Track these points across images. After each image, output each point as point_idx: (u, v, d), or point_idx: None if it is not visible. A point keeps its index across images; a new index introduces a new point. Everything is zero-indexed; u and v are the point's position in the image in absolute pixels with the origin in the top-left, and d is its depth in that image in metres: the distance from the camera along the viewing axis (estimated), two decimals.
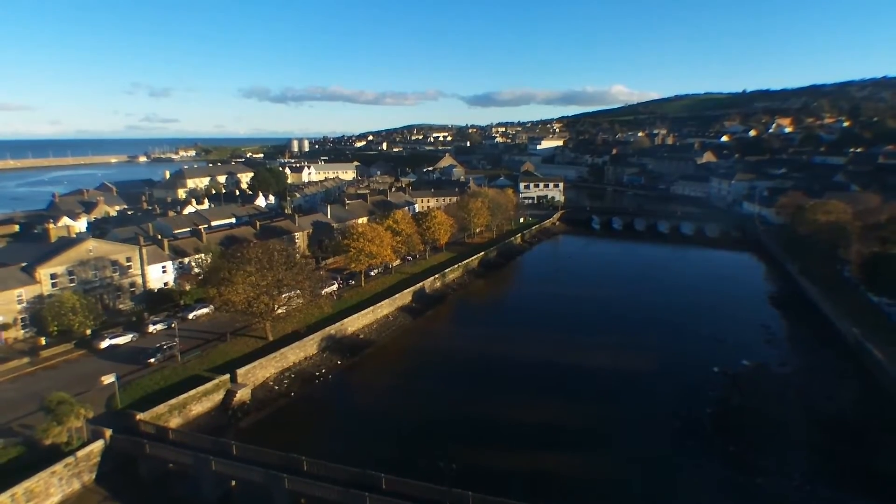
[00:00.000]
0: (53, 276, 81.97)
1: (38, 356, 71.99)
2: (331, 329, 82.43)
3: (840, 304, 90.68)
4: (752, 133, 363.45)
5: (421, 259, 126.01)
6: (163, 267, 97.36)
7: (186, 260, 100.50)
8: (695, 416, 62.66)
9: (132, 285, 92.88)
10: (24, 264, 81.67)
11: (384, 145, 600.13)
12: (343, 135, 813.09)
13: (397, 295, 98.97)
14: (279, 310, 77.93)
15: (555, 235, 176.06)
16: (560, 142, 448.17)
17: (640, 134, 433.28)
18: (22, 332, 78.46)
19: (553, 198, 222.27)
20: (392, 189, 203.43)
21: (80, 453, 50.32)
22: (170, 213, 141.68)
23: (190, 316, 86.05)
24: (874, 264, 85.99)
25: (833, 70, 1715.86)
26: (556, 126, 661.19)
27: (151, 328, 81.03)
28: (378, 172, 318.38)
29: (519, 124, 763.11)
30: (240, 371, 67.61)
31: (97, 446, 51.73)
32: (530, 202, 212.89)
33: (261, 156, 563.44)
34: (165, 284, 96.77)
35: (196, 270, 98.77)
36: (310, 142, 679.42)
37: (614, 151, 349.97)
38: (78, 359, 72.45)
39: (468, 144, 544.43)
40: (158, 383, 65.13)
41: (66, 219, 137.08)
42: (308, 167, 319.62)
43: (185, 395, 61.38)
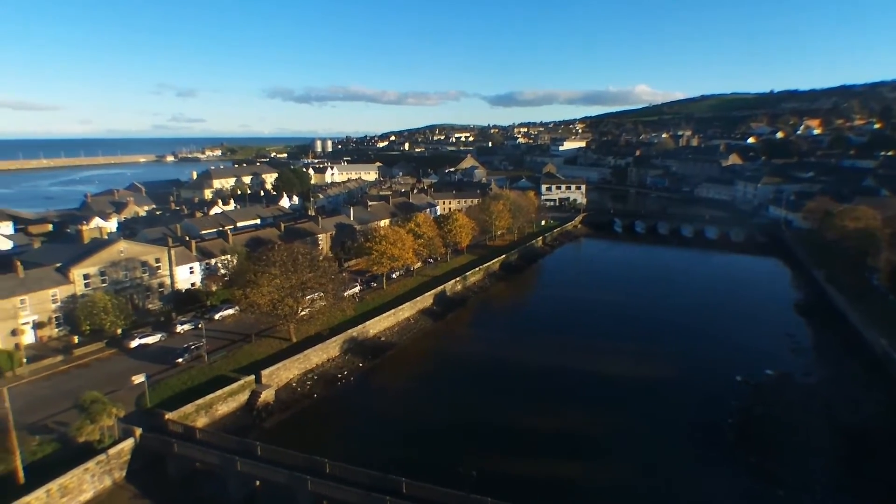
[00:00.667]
0: (86, 277, 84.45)
1: (72, 354, 74.29)
2: (353, 331, 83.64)
3: (868, 313, 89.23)
4: (780, 135, 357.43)
5: (442, 262, 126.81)
6: (190, 268, 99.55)
7: (213, 261, 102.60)
8: (715, 426, 62.44)
9: (161, 286, 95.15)
10: (59, 265, 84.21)
11: (406, 145, 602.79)
12: (366, 135, 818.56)
13: (418, 298, 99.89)
14: (303, 312, 79.27)
15: (576, 238, 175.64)
16: (583, 143, 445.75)
17: (665, 135, 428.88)
18: (56, 331, 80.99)
19: (575, 200, 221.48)
20: (414, 190, 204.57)
21: (112, 451, 52.03)
22: (197, 214, 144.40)
23: (216, 316, 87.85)
24: None
25: (864, 70, 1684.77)
26: (579, 126, 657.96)
27: (179, 328, 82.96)
28: (400, 173, 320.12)
29: (541, 124, 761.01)
30: (264, 372, 69.06)
31: (128, 444, 53.42)
32: (552, 204, 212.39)
33: (285, 156, 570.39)
34: (193, 285, 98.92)
35: (222, 272, 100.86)
36: (333, 142, 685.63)
37: (638, 153, 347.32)
38: (109, 357, 74.59)
39: (490, 145, 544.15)
40: (186, 383, 66.80)
41: (98, 219, 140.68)
42: (331, 168, 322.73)
43: (212, 396, 62.92)
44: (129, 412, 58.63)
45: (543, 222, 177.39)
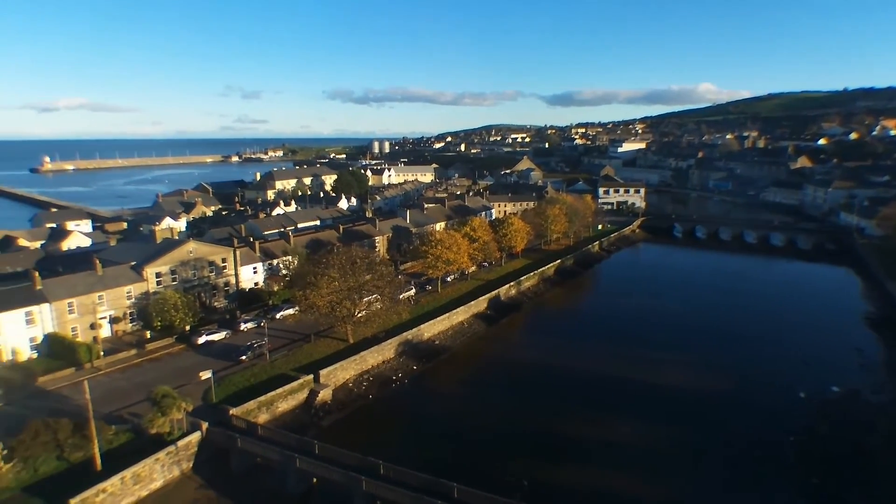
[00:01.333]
0: (158, 275, 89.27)
1: (144, 349, 78.81)
2: (408, 334, 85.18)
3: None
4: (853, 136, 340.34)
5: (497, 266, 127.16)
6: (254, 268, 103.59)
7: (275, 262, 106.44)
8: (776, 444, 60.51)
9: (226, 284, 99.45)
10: (133, 263, 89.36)
11: (462, 146, 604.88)
12: (422, 136, 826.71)
13: (472, 302, 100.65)
14: (360, 314, 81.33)
15: (634, 243, 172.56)
16: (642, 144, 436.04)
17: (729, 136, 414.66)
18: (130, 326, 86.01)
19: (633, 203, 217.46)
20: (469, 193, 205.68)
21: (181, 443, 55.07)
22: (260, 215, 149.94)
23: (277, 316, 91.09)
24: None
25: None
26: (639, 127, 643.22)
27: (243, 326, 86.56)
28: (456, 175, 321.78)
29: (599, 125, 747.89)
30: (322, 372, 71.36)
31: (195, 437, 56.41)
32: (609, 208, 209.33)
33: (343, 156, 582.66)
34: (256, 284, 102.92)
35: (284, 272, 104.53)
36: (390, 143, 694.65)
37: (700, 154, 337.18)
38: (178, 353, 78.73)
39: (547, 146, 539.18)
40: (249, 380, 69.75)
41: (169, 219, 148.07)
42: (388, 169, 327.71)
43: (273, 393, 65.52)
44: (197, 406, 61.70)
45: (600, 226, 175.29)
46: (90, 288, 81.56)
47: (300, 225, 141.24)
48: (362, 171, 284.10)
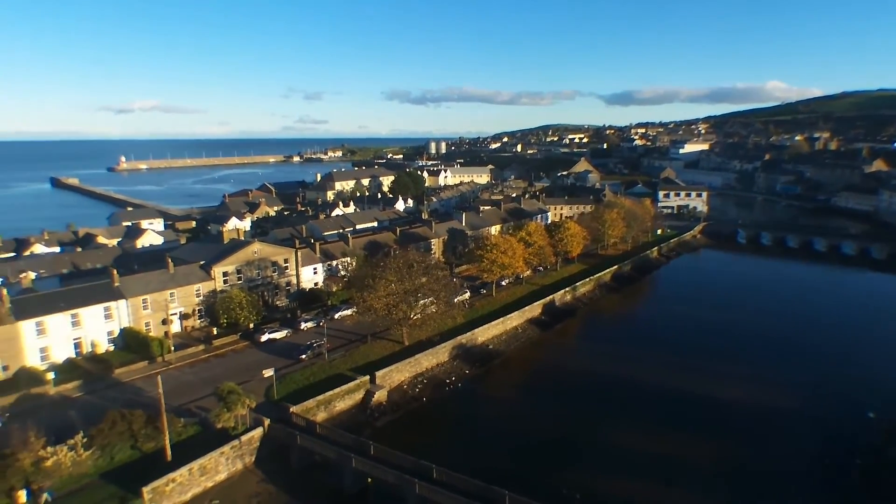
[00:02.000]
0: (225, 274, 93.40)
1: (211, 345, 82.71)
2: (462, 338, 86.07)
3: None
4: None
5: (552, 270, 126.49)
6: (314, 268, 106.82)
7: (334, 263, 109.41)
8: (841, 466, 58.20)
9: (288, 284, 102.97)
10: (202, 262, 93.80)
11: (519, 147, 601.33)
12: (478, 136, 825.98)
13: (527, 307, 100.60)
14: (415, 316, 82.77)
15: (695, 249, 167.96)
16: (705, 145, 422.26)
17: (799, 137, 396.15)
18: (198, 322, 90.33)
19: (695, 208, 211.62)
20: (525, 195, 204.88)
21: (244, 438, 57.66)
22: (320, 216, 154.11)
23: (336, 316, 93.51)
24: None
25: None
26: (702, 127, 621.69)
27: (303, 325, 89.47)
28: (512, 176, 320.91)
29: (660, 124, 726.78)
30: (378, 373, 73.10)
31: (257, 433, 58.94)
32: (669, 212, 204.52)
33: (400, 157, 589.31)
34: (315, 285, 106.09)
35: (342, 273, 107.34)
36: (446, 143, 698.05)
37: (767, 156, 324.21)
38: (242, 350, 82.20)
39: (605, 147, 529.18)
40: (308, 379, 72.19)
41: (234, 219, 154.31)
42: (444, 170, 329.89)
43: (331, 393, 67.58)
44: (259, 403, 64.46)
45: (660, 231, 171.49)
46: (163, 285, 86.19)
47: (358, 226, 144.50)
48: (419, 173, 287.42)
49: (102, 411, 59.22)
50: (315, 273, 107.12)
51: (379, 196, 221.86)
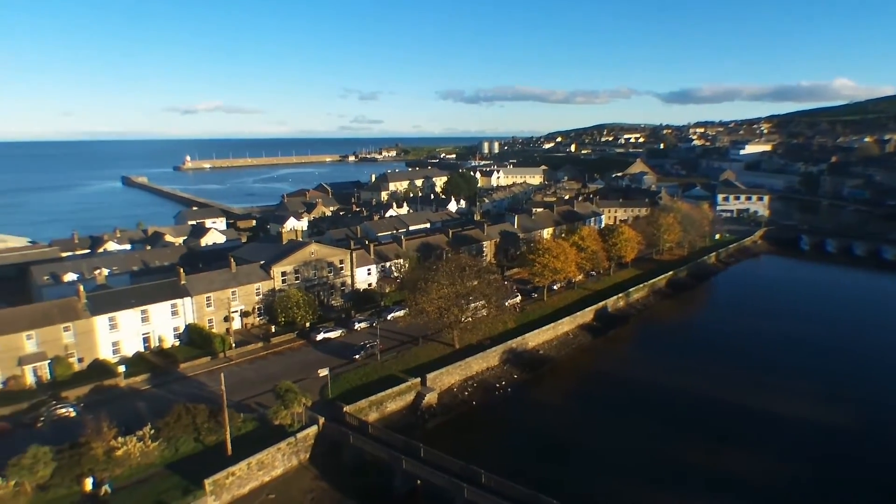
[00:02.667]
0: (283, 274, 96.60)
1: (270, 342, 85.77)
2: (513, 342, 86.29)
3: None
4: None
5: (605, 275, 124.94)
6: (368, 269, 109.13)
7: (388, 264, 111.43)
8: None
9: (342, 284, 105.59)
10: (262, 262, 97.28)
11: (572, 147, 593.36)
12: (532, 135, 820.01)
13: (579, 312, 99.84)
14: (466, 319, 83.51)
15: (755, 256, 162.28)
16: (768, 146, 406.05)
17: (868, 138, 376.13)
18: (258, 320, 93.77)
19: (755, 212, 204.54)
20: (578, 197, 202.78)
21: (300, 435, 59.76)
22: (375, 217, 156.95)
23: (389, 317, 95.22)
24: None
25: None
26: (764, 126, 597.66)
27: (357, 326, 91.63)
28: (565, 177, 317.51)
29: (720, 124, 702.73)
30: (429, 375, 74.20)
31: (312, 431, 60.98)
32: (729, 216, 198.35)
33: (453, 156, 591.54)
34: (369, 286, 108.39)
35: (395, 275, 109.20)
36: (499, 143, 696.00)
37: (833, 159, 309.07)
38: (299, 348, 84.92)
39: (661, 147, 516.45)
40: (361, 379, 74.04)
41: (292, 219, 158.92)
42: (497, 171, 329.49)
43: (383, 394, 69.18)
44: (314, 401, 66.63)
45: (718, 236, 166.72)
46: (225, 284, 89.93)
47: (411, 227, 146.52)
48: (471, 174, 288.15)
49: (168, 404, 62.56)
50: (369, 274, 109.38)
51: (432, 197, 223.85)
